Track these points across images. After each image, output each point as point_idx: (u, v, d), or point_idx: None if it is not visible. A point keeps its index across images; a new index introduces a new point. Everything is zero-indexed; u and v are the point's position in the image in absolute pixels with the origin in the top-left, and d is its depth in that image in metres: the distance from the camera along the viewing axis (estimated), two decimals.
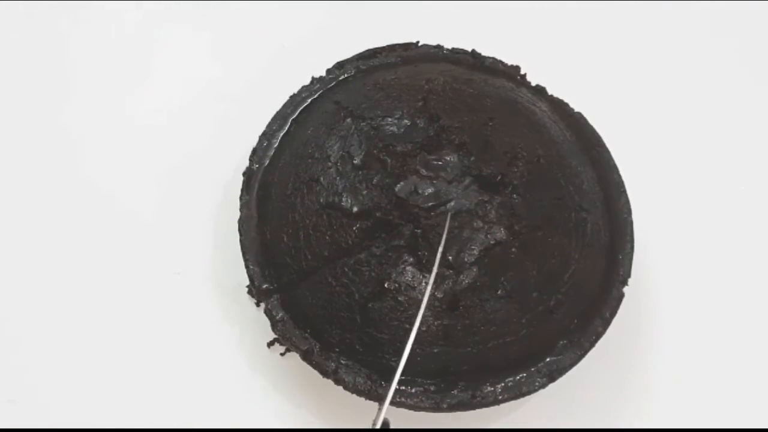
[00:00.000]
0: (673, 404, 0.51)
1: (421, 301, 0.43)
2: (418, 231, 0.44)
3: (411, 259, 0.44)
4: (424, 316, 0.44)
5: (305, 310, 0.46)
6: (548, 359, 0.45)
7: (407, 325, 0.44)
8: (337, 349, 0.45)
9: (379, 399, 0.44)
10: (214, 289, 0.53)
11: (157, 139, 0.58)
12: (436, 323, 0.44)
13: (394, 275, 0.44)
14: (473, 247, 0.44)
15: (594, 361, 0.46)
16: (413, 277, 0.44)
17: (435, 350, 0.44)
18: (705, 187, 0.57)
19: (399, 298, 0.44)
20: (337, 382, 0.45)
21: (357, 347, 0.45)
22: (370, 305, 0.44)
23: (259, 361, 0.51)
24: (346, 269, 0.45)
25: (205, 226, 0.55)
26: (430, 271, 0.44)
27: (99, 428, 0.50)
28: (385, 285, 0.44)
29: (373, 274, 0.44)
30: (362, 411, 0.46)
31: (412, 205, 0.45)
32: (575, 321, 0.46)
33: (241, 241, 0.48)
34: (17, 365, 0.51)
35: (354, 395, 0.45)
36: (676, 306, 0.53)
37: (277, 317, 0.46)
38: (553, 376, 0.45)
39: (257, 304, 0.51)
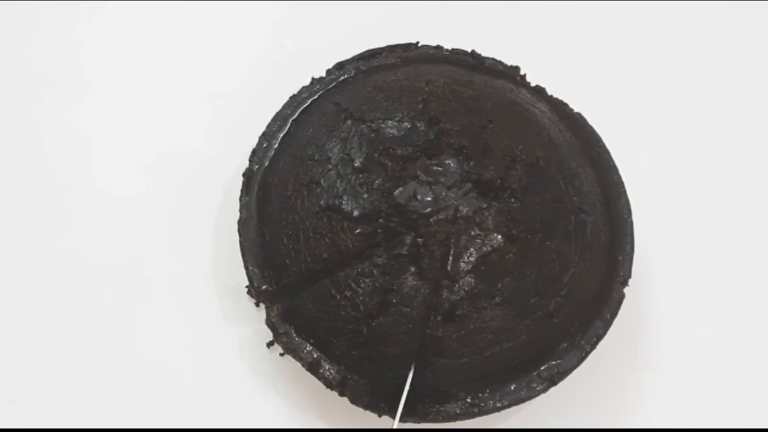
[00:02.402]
0: (674, 404, 0.51)
1: (422, 310, 0.43)
2: (420, 240, 0.44)
3: (413, 269, 0.44)
4: (419, 329, 0.44)
5: (308, 322, 0.46)
6: (549, 363, 0.45)
7: (414, 337, 0.44)
8: (342, 362, 0.45)
9: (383, 413, 0.44)
10: (214, 289, 0.53)
11: (156, 139, 0.57)
12: (433, 334, 0.44)
13: (397, 286, 0.44)
14: (470, 255, 0.44)
15: (595, 362, 0.46)
16: (416, 287, 0.44)
17: (434, 361, 0.44)
18: (705, 188, 0.57)
19: (404, 310, 0.44)
20: (342, 394, 0.45)
21: (364, 362, 0.44)
22: (375, 321, 0.44)
23: (258, 361, 0.51)
24: (349, 281, 0.44)
25: (205, 227, 0.55)
26: (432, 280, 0.44)
27: (99, 428, 0.50)
28: (390, 297, 0.44)
29: (377, 284, 0.44)
30: (363, 411, 0.46)
31: (411, 212, 0.45)
32: (575, 323, 0.46)
33: (240, 242, 0.48)
34: (17, 365, 0.51)
35: None
36: (677, 306, 0.53)
37: (280, 330, 0.46)
38: (554, 379, 0.45)
39: (257, 305, 0.51)
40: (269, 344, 0.50)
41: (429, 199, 0.45)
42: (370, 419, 0.47)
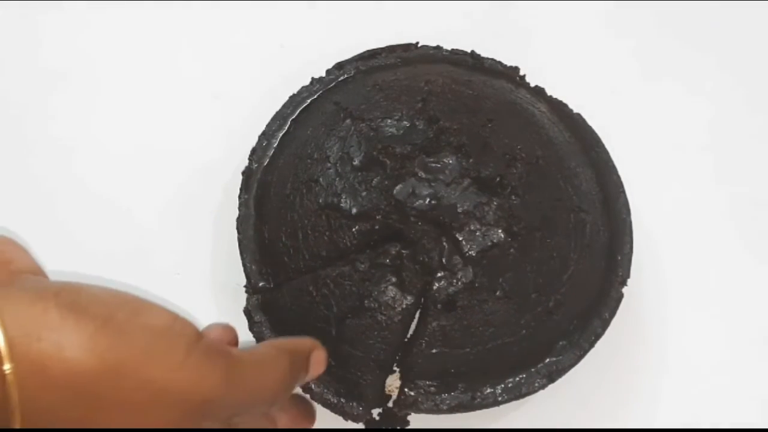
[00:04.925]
0: (672, 404, 0.51)
1: (398, 322, 0.44)
2: (404, 252, 0.44)
3: (394, 279, 0.44)
4: (393, 339, 0.44)
5: (284, 315, 0.46)
6: (548, 360, 0.45)
7: (384, 345, 0.44)
8: None
9: (345, 415, 0.44)
10: (214, 289, 0.53)
11: (156, 139, 0.58)
12: (434, 324, 0.44)
13: (376, 293, 0.44)
14: (471, 248, 0.44)
15: (593, 361, 0.46)
16: (394, 297, 0.44)
17: (434, 351, 0.44)
18: (704, 188, 0.57)
19: (377, 317, 0.44)
20: (305, 390, 0.44)
21: (329, 360, 0.44)
22: (347, 321, 0.44)
23: None
24: (328, 281, 0.45)
25: (205, 226, 0.55)
26: (411, 294, 0.44)
27: (100, 428, 0.50)
28: (365, 303, 0.44)
29: (354, 289, 0.44)
30: None
31: (410, 208, 0.45)
32: (574, 322, 0.46)
33: (239, 239, 0.48)
34: None
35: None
36: (675, 306, 0.53)
37: (255, 318, 0.46)
38: (552, 376, 0.45)
39: None
40: None
41: (428, 196, 0.45)
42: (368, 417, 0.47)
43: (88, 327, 0.30)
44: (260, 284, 0.47)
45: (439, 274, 0.44)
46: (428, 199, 0.45)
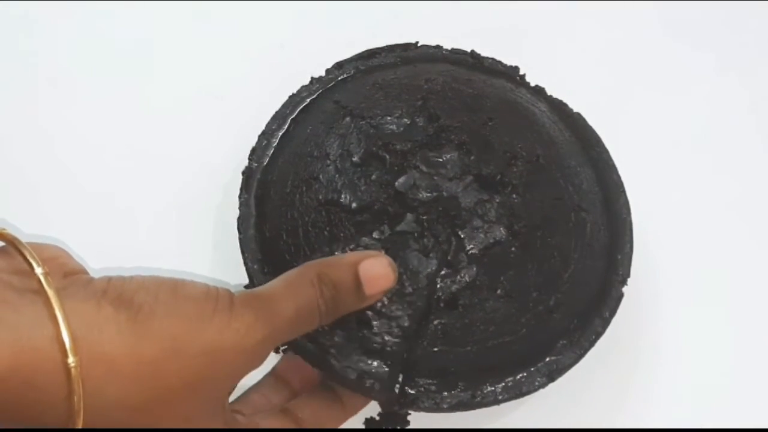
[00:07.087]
0: (673, 404, 0.51)
1: (424, 287, 0.43)
2: (423, 217, 0.44)
3: (415, 245, 0.44)
4: (419, 305, 0.43)
5: None
6: (548, 359, 0.45)
7: (410, 311, 0.43)
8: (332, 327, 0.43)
9: (367, 391, 0.43)
10: None
11: (156, 139, 0.58)
12: (435, 322, 0.44)
13: (398, 260, 0.43)
14: (473, 245, 0.44)
15: (593, 360, 0.46)
16: (418, 262, 0.44)
17: (434, 349, 0.44)
18: (704, 187, 0.57)
19: (403, 283, 0.43)
20: (326, 367, 0.43)
21: (352, 323, 0.43)
22: None
23: None
24: (348, 250, 0.44)
25: (205, 226, 0.55)
26: (434, 258, 0.44)
27: (101, 428, 0.50)
28: None
29: None
30: (364, 410, 0.46)
31: (412, 199, 0.45)
32: (575, 321, 0.46)
33: (240, 239, 0.48)
34: None
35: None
36: (676, 306, 0.53)
37: None
38: (552, 375, 0.45)
39: None
40: (276, 351, 0.50)
41: (430, 188, 0.45)
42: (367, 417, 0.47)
43: (140, 313, 0.33)
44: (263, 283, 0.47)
45: (443, 272, 0.44)
46: (431, 191, 0.45)
